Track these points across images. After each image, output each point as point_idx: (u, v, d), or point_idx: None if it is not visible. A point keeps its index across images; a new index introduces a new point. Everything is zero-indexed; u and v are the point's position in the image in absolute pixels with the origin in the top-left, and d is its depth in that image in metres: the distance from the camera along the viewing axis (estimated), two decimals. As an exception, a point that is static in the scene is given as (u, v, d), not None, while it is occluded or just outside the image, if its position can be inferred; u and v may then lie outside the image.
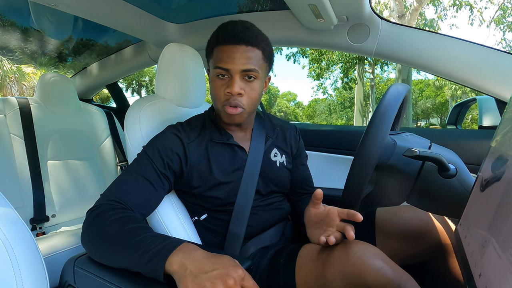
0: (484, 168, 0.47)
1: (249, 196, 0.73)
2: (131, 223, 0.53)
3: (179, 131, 0.71)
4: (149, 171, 0.64)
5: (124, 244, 0.50)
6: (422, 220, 0.72)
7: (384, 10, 9.12)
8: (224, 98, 0.67)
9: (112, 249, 0.51)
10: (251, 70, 0.66)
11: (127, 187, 0.62)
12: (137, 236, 0.50)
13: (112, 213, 0.55)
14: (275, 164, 0.80)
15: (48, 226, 1.27)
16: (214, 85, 0.69)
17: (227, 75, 0.66)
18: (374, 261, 0.50)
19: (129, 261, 0.49)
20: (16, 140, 1.26)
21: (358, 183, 0.55)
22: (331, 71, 14.50)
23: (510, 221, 0.29)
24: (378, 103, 0.57)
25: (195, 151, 0.70)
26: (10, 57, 2.11)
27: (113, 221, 0.53)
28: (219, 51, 0.67)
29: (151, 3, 1.19)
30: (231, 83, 0.65)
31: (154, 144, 0.68)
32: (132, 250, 0.48)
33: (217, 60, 0.67)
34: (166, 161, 0.66)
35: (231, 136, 0.75)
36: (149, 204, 0.64)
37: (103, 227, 0.53)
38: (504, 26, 11.15)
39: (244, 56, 0.65)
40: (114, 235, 0.51)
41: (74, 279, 0.56)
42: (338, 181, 1.26)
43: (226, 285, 0.41)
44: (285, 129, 0.87)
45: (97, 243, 0.53)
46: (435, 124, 25.28)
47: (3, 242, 0.45)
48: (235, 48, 0.65)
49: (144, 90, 19.32)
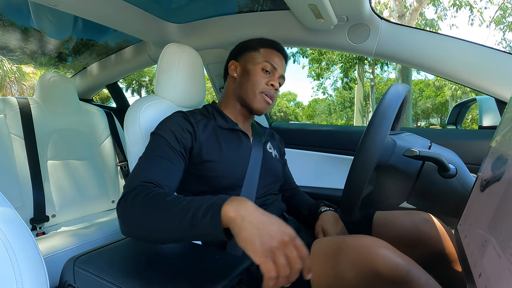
0: (484, 168, 0.47)
1: (254, 184, 0.75)
2: (170, 195, 0.53)
3: (186, 114, 0.75)
4: (165, 150, 0.66)
5: (174, 210, 0.49)
6: (419, 228, 0.71)
7: (384, 10, 9.11)
8: (264, 87, 0.80)
9: (162, 220, 0.50)
10: (283, 78, 0.86)
11: (150, 169, 0.63)
12: (183, 201, 0.50)
13: (148, 191, 0.55)
14: (272, 155, 0.88)
15: (48, 226, 1.27)
16: (257, 74, 0.80)
17: (271, 72, 0.81)
18: (383, 250, 0.52)
19: (183, 223, 0.47)
20: (16, 140, 1.26)
21: (358, 183, 0.55)
22: (331, 71, 14.50)
23: (510, 221, 0.29)
24: (378, 103, 0.57)
25: (203, 130, 0.74)
26: (10, 57, 2.11)
27: (153, 197, 0.53)
28: (270, 52, 0.83)
29: (151, 3, 1.19)
30: (274, 79, 0.81)
31: (165, 125, 0.71)
32: (184, 212, 0.48)
33: (268, 57, 0.81)
34: (179, 138, 0.69)
35: (236, 124, 0.81)
36: (172, 181, 0.65)
37: (145, 204, 0.52)
38: (504, 26, 11.14)
39: (284, 67, 0.86)
40: (161, 206, 0.51)
41: (74, 279, 0.56)
42: (338, 181, 1.26)
43: (283, 242, 0.42)
44: (272, 132, 1.00)
45: (143, 219, 0.52)
46: (435, 124, 25.29)
47: (3, 242, 0.45)
48: (282, 58, 0.85)
49: (144, 90, 19.32)
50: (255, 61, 0.81)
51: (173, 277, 0.51)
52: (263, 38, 0.86)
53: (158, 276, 0.52)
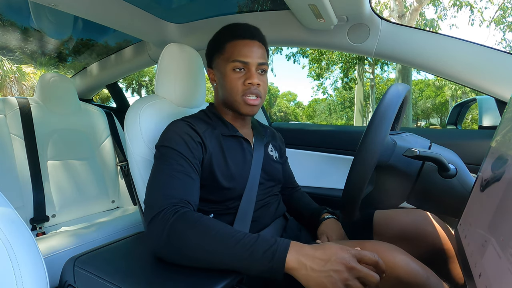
0: (484, 168, 0.47)
1: (254, 189, 0.74)
2: (216, 226, 0.52)
3: (190, 122, 0.71)
4: (183, 164, 0.63)
5: (227, 251, 0.49)
6: (419, 226, 0.73)
7: (384, 10, 9.11)
8: (243, 89, 0.71)
9: (214, 258, 0.50)
10: (265, 64, 0.73)
11: (174, 186, 0.60)
12: (236, 243, 0.49)
13: (189, 218, 0.53)
14: (272, 158, 0.86)
15: (48, 226, 1.27)
16: (230, 78, 0.72)
17: (245, 68, 0.71)
18: (402, 256, 0.53)
19: (237, 265, 0.49)
20: (16, 140, 1.26)
21: (358, 183, 0.55)
22: (331, 71, 14.51)
23: (510, 221, 0.29)
24: (378, 103, 0.57)
25: (210, 141, 0.71)
26: (10, 57, 2.11)
27: (197, 228, 0.52)
28: (236, 46, 0.71)
29: (151, 3, 1.19)
30: (250, 75, 0.70)
31: (175, 137, 0.67)
32: (239, 256, 0.48)
33: (234, 54, 0.71)
34: (193, 151, 0.66)
35: (237, 130, 0.78)
36: (196, 197, 0.64)
37: (193, 238, 0.51)
38: (504, 26, 11.14)
39: (259, 50, 0.72)
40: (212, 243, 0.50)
41: (74, 279, 0.56)
42: (338, 181, 1.26)
43: (348, 268, 0.43)
44: (273, 131, 0.97)
45: (190, 249, 0.51)
46: (435, 124, 25.28)
47: (3, 242, 0.45)
48: (252, 43, 0.72)
49: (144, 90, 19.32)
50: (224, 64, 0.73)
51: (173, 277, 0.51)
52: (225, 29, 0.75)
53: (158, 276, 0.52)
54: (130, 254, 0.63)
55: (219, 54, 0.74)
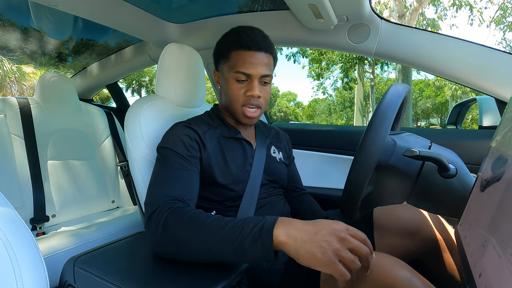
0: (484, 168, 0.47)
1: (255, 190, 0.75)
2: (209, 216, 0.53)
3: (191, 124, 0.73)
4: (179, 162, 0.65)
5: (217, 236, 0.49)
6: (417, 218, 0.75)
7: (384, 10, 9.11)
8: (243, 99, 0.73)
9: (207, 245, 0.50)
10: (268, 76, 0.73)
11: (170, 185, 0.62)
12: (225, 225, 0.50)
13: (181, 212, 0.54)
14: (276, 159, 0.86)
15: (48, 226, 1.27)
16: (232, 87, 0.73)
17: (247, 79, 0.72)
18: (404, 271, 0.51)
19: (229, 251, 0.48)
20: (16, 140, 1.26)
21: (358, 183, 0.55)
22: (331, 71, 14.51)
23: (510, 221, 0.29)
24: (378, 103, 0.57)
25: (210, 142, 0.73)
26: (10, 57, 2.11)
27: (191, 219, 0.53)
28: (240, 56, 0.71)
29: (151, 3, 1.19)
30: (252, 87, 0.71)
31: (173, 138, 0.69)
32: (230, 237, 0.48)
33: (237, 64, 0.71)
34: (189, 148, 0.68)
35: (239, 132, 0.79)
36: (194, 193, 0.65)
37: (184, 227, 0.52)
38: (504, 26, 11.14)
39: (263, 62, 0.71)
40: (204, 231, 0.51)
41: (74, 279, 0.57)
42: (338, 181, 1.26)
43: (340, 238, 0.43)
44: (277, 131, 0.96)
45: (181, 244, 0.52)
46: (435, 124, 25.28)
47: (3, 242, 0.45)
48: (257, 55, 0.71)
49: (144, 90, 19.32)
50: (228, 71, 0.73)
51: (173, 277, 0.51)
52: (233, 35, 0.74)
53: (158, 276, 0.52)
54: (130, 254, 0.63)
55: (224, 59, 0.75)
